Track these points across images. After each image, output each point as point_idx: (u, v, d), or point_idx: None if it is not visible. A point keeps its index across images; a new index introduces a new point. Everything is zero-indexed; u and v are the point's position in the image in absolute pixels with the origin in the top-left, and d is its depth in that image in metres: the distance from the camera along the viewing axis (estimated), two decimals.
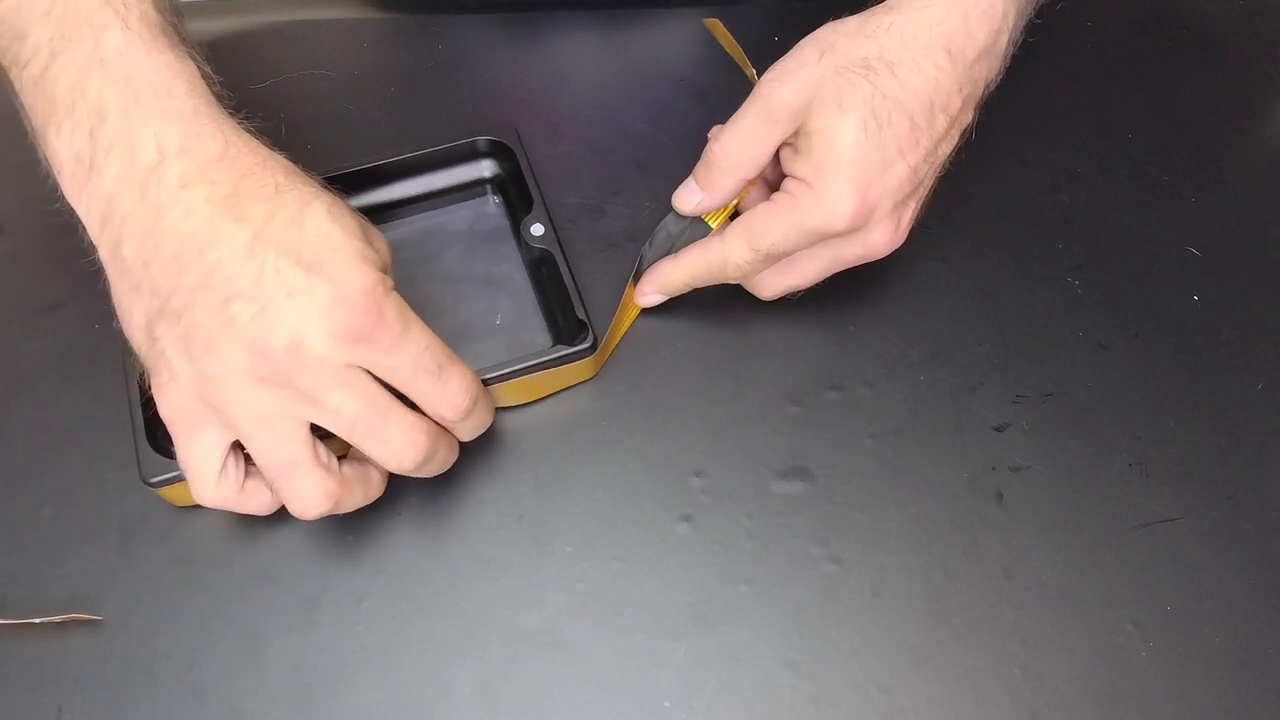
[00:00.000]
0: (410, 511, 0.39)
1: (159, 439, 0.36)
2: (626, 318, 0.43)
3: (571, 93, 0.51)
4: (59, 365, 0.42)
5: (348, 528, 0.38)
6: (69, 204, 0.33)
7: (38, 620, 0.36)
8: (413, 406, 0.34)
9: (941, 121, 0.37)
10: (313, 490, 0.33)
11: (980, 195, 0.47)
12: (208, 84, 0.34)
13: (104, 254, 0.33)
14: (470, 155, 0.45)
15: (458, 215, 0.46)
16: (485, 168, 0.46)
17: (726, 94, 0.49)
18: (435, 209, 0.46)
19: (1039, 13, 0.41)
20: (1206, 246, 0.46)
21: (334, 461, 0.34)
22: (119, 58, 0.32)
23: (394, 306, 0.32)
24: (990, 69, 0.39)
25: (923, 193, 0.39)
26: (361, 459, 0.36)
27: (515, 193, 0.45)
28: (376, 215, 0.44)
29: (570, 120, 0.49)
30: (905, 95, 0.36)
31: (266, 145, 0.34)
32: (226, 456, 0.33)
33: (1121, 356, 0.43)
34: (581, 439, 0.40)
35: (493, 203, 0.46)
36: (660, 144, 0.49)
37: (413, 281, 0.43)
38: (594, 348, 0.40)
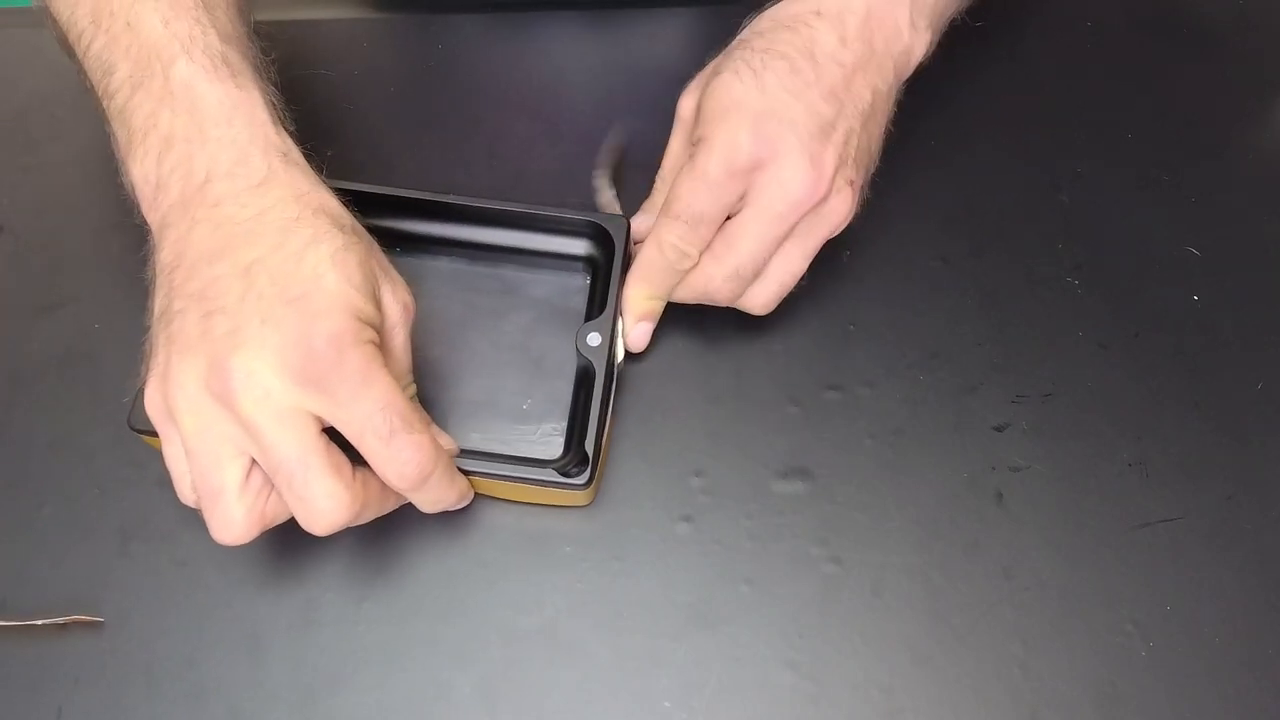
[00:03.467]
0: (410, 512, 0.39)
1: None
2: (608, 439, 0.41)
3: (571, 92, 0.51)
4: (59, 365, 0.42)
5: (348, 529, 0.38)
6: (146, 223, 0.35)
7: (40, 622, 0.36)
8: None
9: (832, 69, 0.37)
10: (232, 520, 0.32)
11: (980, 195, 0.47)
12: (269, 108, 0.36)
13: (155, 260, 0.34)
14: (575, 230, 0.43)
15: (546, 282, 0.43)
16: (584, 246, 0.43)
17: None
18: (528, 267, 0.43)
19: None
20: (1206, 246, 0.46)
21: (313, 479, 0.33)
22: (185, 90, 0.35)
23: (360, 359, 0.31)
24: (887, 25, 0.39)
25: (851, 151, 0.38)
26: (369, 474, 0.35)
27: (602, 285, 0.42)
28: (464, 252, 0.43)
29: (570, 120, 0.49)
30: (776, 46, 0.37)
31: (314, 178, 0.35)
32: None
33: (1121, 356, 0.43)
34: None
35: (583, 283, 0.43)
36: (660, 144, 0.48)
37: (464, 334, 0.42)
38: (588, 484, 0.37)
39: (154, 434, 0.35)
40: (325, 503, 0.31)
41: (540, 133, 0.49)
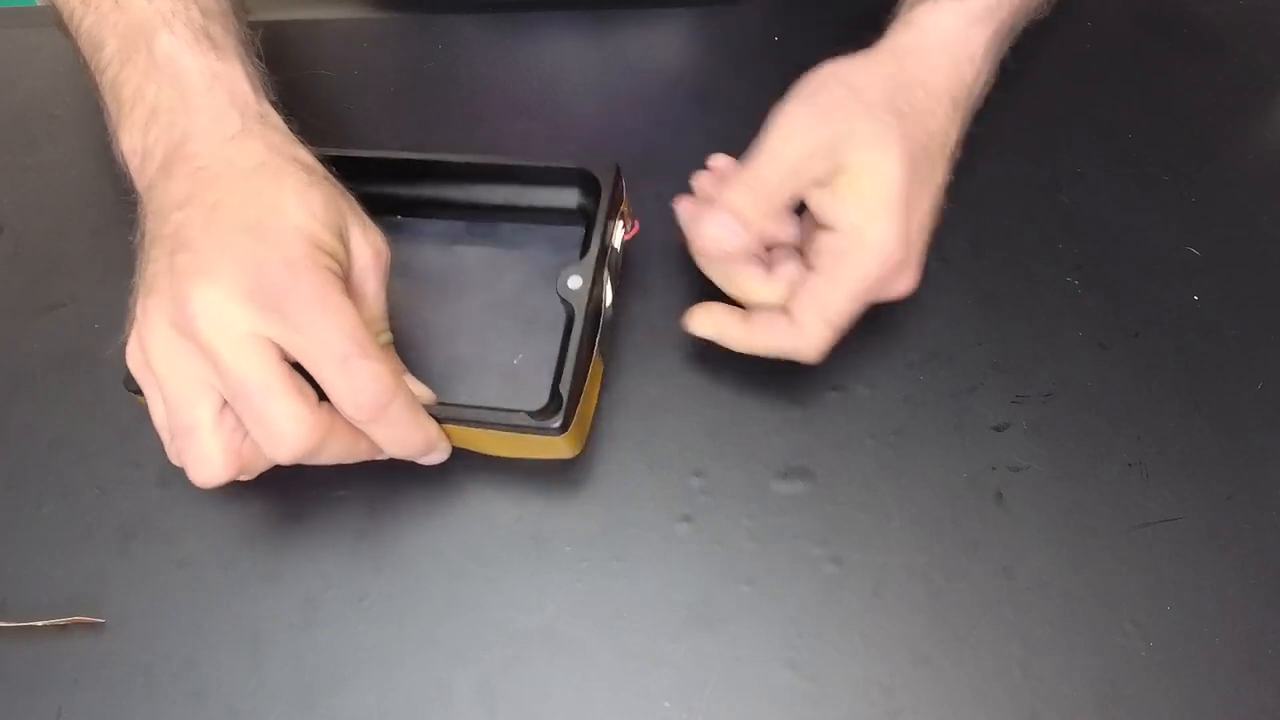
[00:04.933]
0: (410, 511, 0.39)
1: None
2: (594, 389, 0.40)
3: (571, 93, 0.51)
4: (59, 365, 0.42)
5: (348, 528, 0.38)
6: (137, 194, 0.36)
7: (40, 623, 0.36)
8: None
9: (945, 165, 0.39)
10: (208, 456, 0.32)
11: (980, 195, 0.47)
12: (251, 79, 0.37)
13: (141, 228, 0.35)
14: (565, 180, 0.42)
15: (540, 237, 0.43)
16: (576, 197, 0.42)
17: (727, 94, 0.50)
18: (522, 222, 0.43)
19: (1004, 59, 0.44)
20: (1206, 246, 0.46)
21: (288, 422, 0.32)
22: (168, 63, 0.36)
23: (316, 283, 0.31)
24: (972, 112, 0.42)
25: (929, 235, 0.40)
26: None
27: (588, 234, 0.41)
28: (464, 213, 0.43)
29: (570, 120, 0.49)
30: (928, 140, 0.38)
31: (292, 137, 0.36)
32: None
33: (1121, 356, 0.43)
34: None
35: (578, 236, 0.43)
36: (660, 144, 0.48)
37: (460, 295, 0.42)
38: (563, 428, 0.36)
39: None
40: (287, 424, 0.31)
41: (540, 133, 0.49)
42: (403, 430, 0.34)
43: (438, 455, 0.37)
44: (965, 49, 0.40)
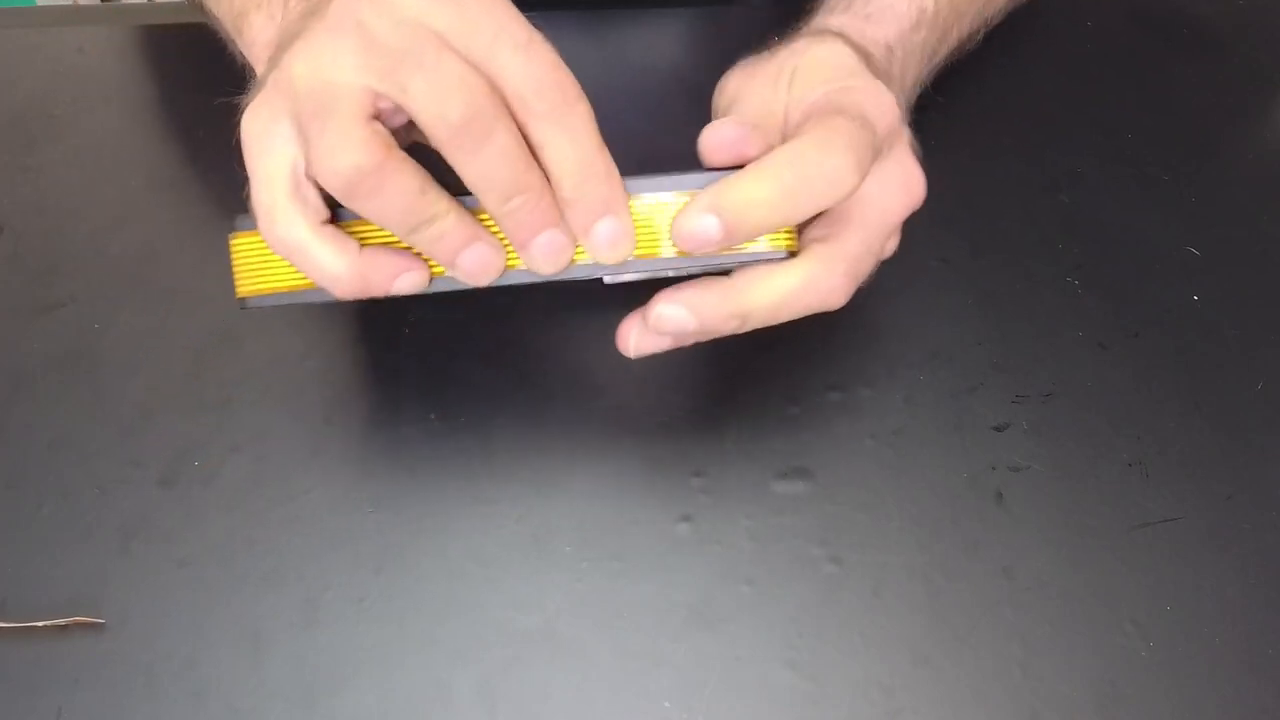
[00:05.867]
0: (410, 511, 0.39)
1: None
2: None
3: None
4: (59, 365, 0.42)
5: (348, 528, 0.38)
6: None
7: (40, 623, 0.36)
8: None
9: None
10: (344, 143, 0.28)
11: (980, 195, 0.47)
12: None
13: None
14: None
15: None
16: None
17: None
18: None
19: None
20: (1206, 246, 0.46)
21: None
22: None
23: None
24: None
25: None
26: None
27: None
28: None
29: None
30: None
31: None
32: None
33: (1121, 356, 0.43)
34: (581, 439, 0.40)
35: None
36: (660, 144, 0.48)
37: None
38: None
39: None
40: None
41: None
42: (586, 144, 0.29)
43: (607, 228, 0.30)
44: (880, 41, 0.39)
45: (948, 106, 0.48)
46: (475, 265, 0.30)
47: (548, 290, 0.44)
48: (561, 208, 0.30)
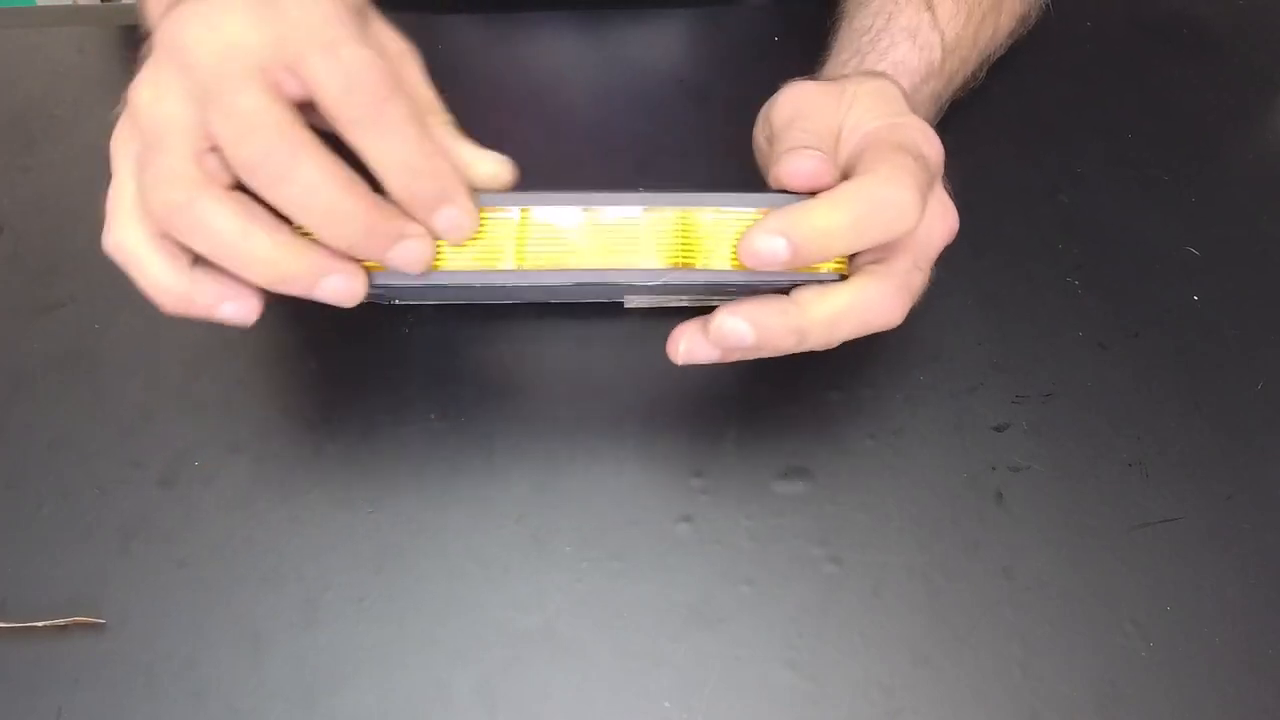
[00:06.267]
0: (410, 511, 0.39)
1: None
2: None
3: (571, 93, 0.51)
4: (59, 365, 0.42)
5: (348, 528, 0.38)
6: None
7: (40, 624, 0.36)
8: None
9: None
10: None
11: (980, 195, 0.47)
12: None
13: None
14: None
15: None
16: None
17: (726, 94, 0.50)
18: None
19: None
20: (1206, 246, 0.46)
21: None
22: None
23: None
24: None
25: None
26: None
27: None
28: None
29: (570, 120, 0.49)
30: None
31: None
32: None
33: (1121, 356, 0.43)
34: (581, 439, 0.40)
35: None
36: (660, 144, 0.49)
37: None
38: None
39: None
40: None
41: (540, 133, 0.49)
42: (402, 143, 0.28)
43: (449, 218, 0.30)
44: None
45: (947, 107, 0.48)
46: (326, 292, 0.30)
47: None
48: (401, 207, 0.29)
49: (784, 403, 0.41)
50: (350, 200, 0.28)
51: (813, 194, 0.32)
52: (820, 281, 0.33)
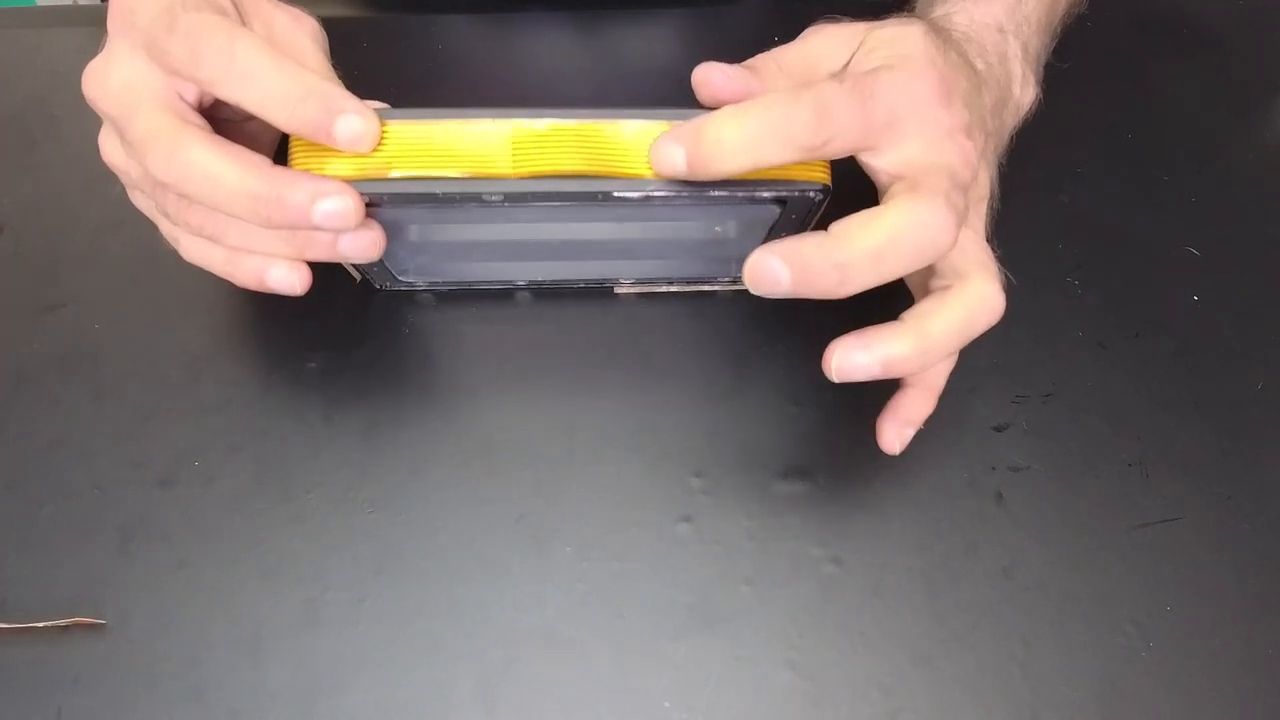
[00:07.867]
0: (410, 511, 0.39)
1: None
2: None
3: (572, 93, 0.51)
4: (59, 365, 0.42)
5: (348, 528, 0.38)
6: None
7: (41, 624, 0.36)
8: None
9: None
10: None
11: None
12: None
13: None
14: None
15: None
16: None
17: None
18: None
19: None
20: (1206, 246, 0.46)
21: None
22: None
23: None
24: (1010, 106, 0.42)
25: None
26: None
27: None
28: None
29: None
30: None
31: None
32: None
33: (1121, 356, 0.43)
34: (581, 439, 0.40)
35: None
36: None
37: None
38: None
39: None
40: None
41: None
42: (264, 75, 0.28)
43: (348, 127, 0.29)
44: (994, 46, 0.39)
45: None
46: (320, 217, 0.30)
47: (549, 291, 0.44)
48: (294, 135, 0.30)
49: (784, 403, 0.41)
50: (234, 170, 0.29)
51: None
52: (806, 195, 0.32)
